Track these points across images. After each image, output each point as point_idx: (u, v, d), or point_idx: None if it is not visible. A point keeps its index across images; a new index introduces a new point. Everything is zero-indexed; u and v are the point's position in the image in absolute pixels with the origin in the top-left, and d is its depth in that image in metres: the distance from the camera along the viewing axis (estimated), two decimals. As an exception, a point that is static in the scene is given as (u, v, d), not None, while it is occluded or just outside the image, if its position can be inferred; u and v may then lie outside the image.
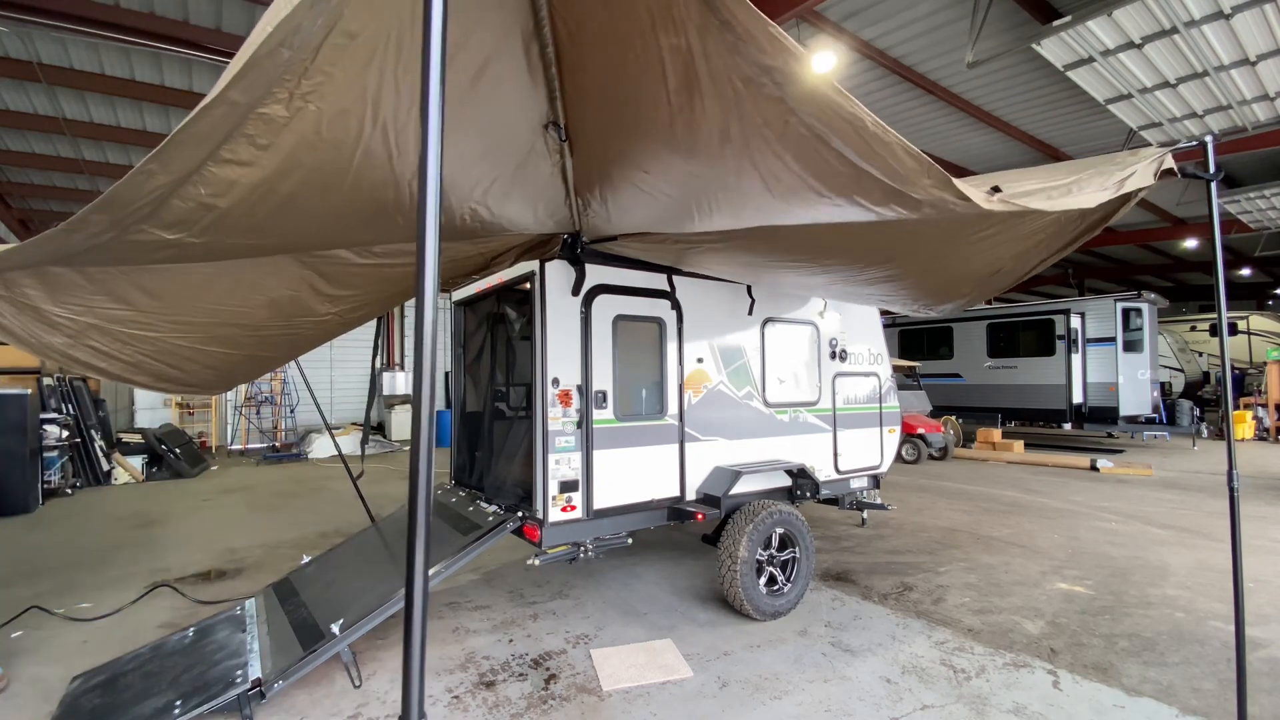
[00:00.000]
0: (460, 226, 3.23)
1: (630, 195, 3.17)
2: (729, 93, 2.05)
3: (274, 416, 15.81)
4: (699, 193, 2.86)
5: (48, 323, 3.03)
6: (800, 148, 2.18)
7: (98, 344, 3.31)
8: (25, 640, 4.17)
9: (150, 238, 2.38)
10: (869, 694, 3.33)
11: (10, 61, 7.51)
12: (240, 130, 1.94)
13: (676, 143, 2.50)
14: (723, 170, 2.57)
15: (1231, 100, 7.58)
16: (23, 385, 9.01)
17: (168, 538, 6.85)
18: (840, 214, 2.58)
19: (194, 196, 2.17)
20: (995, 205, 2.25)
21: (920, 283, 3.97)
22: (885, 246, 3.22)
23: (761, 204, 2.72)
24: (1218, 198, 13.83)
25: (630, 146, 2.76)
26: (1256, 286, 26.58)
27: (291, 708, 3.25)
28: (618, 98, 2.53)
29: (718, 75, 2.00)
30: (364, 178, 2.45)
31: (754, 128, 2.18)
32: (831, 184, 2.33)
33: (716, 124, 2.26)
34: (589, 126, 2.85)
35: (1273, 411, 14.72)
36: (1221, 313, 2.97)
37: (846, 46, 7.73)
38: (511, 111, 2.70)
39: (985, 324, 14.45)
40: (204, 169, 2.05)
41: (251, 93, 1.81)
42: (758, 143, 2.26)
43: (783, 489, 5.05)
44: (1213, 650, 3.81)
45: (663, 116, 2.36)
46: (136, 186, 2.02)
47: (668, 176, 2.83)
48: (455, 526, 4.29)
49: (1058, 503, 8.12)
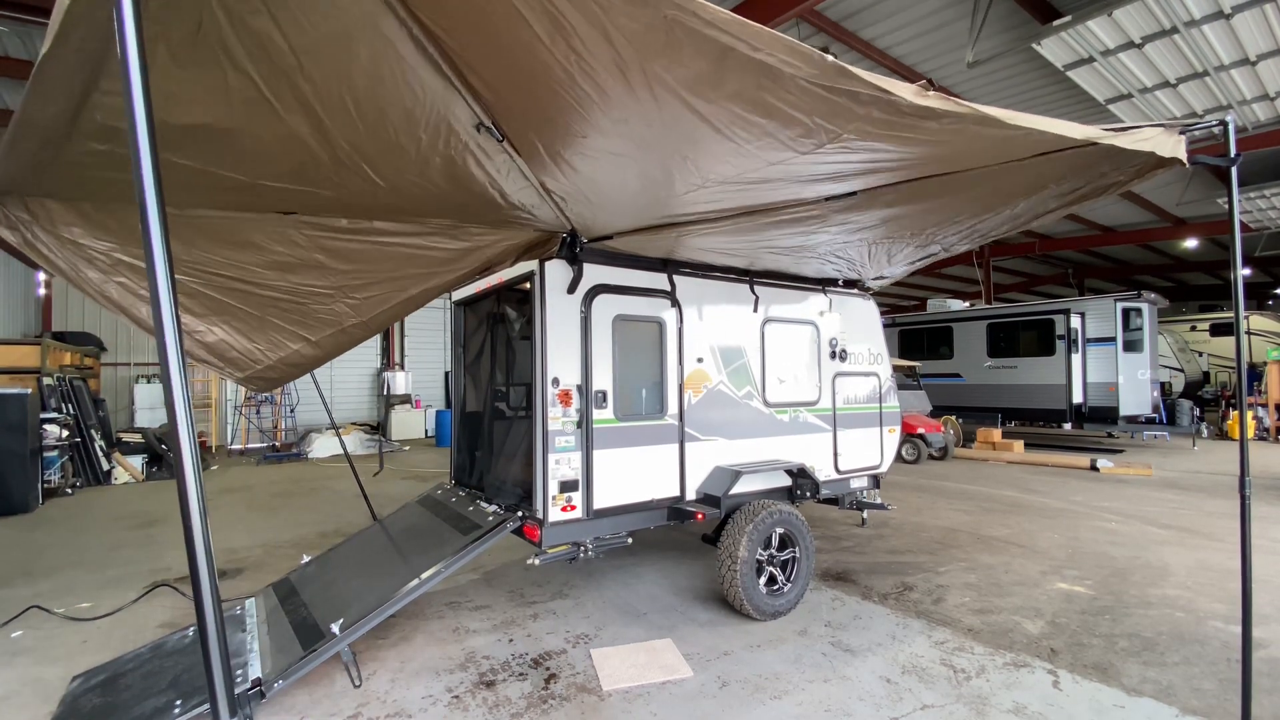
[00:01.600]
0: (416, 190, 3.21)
1: (588, 166, 3.02)
2: (594, 9, 1.84)
3: (274, 416, 15.82)
4: (653, 148, 2.75)
5: (85, 257, 3.34)
6: (702, 63, 2.03)
7: (127, 280, 3.54)
8: (25, 640, 4.17)
9: (86, 148, 2.52)
10: (869, 694, 3.33)
11: (10, 61, 7.51)
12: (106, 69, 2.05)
13: (590, 97, 2.33)
14: (652, 115, 2.42)
15: (1231, 100, 7.59)
16: (23, 385, 9.02)
17: (168, 538, 6.85)
18: (787, 140, 2.48)
19: (101, 121, 2.33)
20: (932, 101, 2.10)
21: (919, 215, 3.79)
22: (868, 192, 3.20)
23: (714, 147, 2.63)
24: (1216, 197, 13.79)
25: (555, 116, 2.58)
26: (1256, 286, 26.60)
27: (292, 707, 3.25)
28: (515, 71, 2.33)
29: (583, 6, 1.84)
30: (275, 135, 2.54)
31: (642, 50, 2.01)
32: (752, 105, 2.22)
33: (606, 56, 2.06)
34: (516, 116, 2.68)
35: (1273, 411, 14.73)
36: (1238, 302, 2.84)
37: (846, 46, 7.73)
38: (409, 97, 2.52)
39: (985, 324, 14.45)
40: (92, 97, 2.19)
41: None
42: (657, 70, 2.10)
43: (783, 489, 5.05)
44: (1213, 650, 3.81)
45: (558, 72, 2.18)
46: (35, 110, 2.21)
47: (606, 134, 2.66)
48: (455, 526, 4.29)
49: (1058, 503, 8.12)
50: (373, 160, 2.86)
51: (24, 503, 8.13)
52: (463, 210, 3.64)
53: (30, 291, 14.10)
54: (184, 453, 1.62)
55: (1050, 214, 3.57)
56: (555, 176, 3.19)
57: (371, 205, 3.46)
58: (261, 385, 5.16)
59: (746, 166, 2.86)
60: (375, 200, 3.33)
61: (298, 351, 4.69)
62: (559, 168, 3.07)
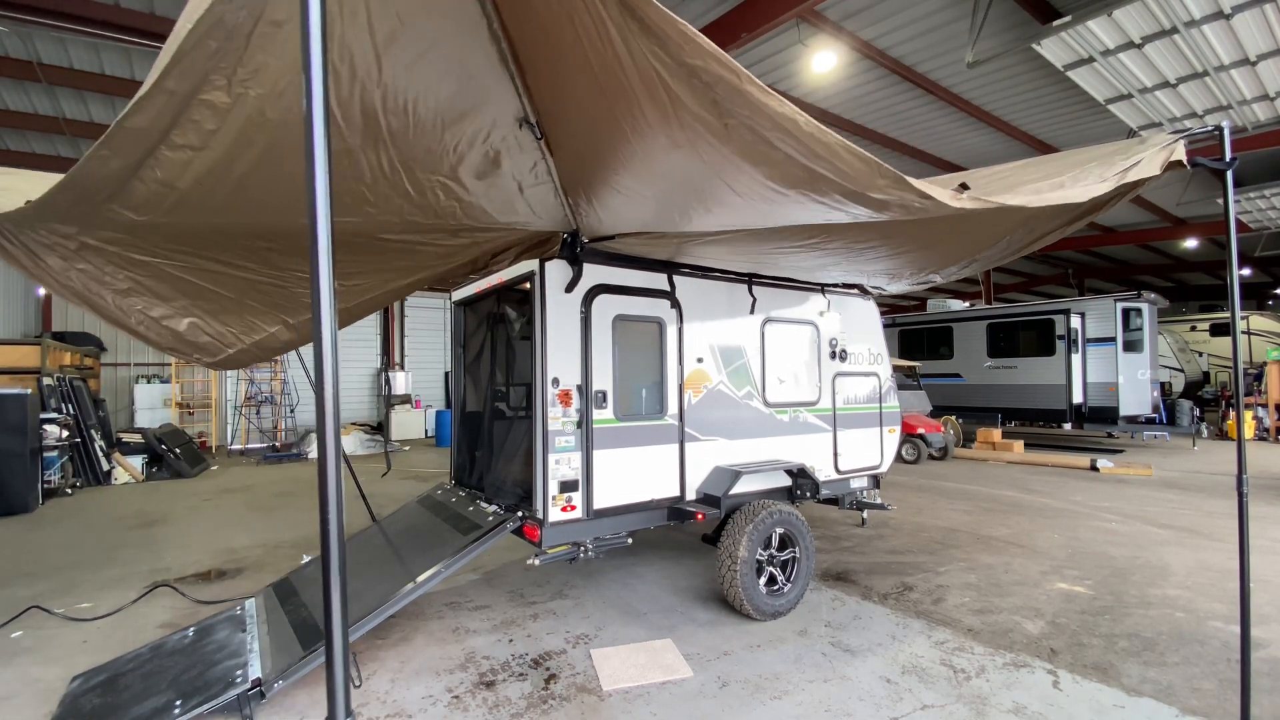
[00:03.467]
0: (436, 204, 3.22)
1: (613, 198, 3.16)
2: (663, 97, 2.03)
3: (274, 416, 15.81)
4: (675, 196, 2.85)
5: (46, 243, 2.99)
6: (747, 150, 2.16)
7: (90, 267, 3.20)
8: (25, 640, 4.17)
9: (121, 218, 2.50)
10: (869, 694, 3.33)
11: (10, 61, 7.51)
12: (186, 116, 2.07)
13: (634, 150, 2.49)
14: (686, 175, 2.55)
15: (1231, 100, 7.59)
16: (23, 385, 9.02)
17: (168, 538, 6.85)
18: (810, 213, 2.56)
19: (152, 179, 2.30)
20: (965, 203, 2.21)
21: (922, 256, 3.91)
22: (877, 231, 3.23)
23: (733, 204, 2.71)
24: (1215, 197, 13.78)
25: (598, 151, 2.75)
26: (1256, 286, 26.60)
27: (291, 707, 3.25)
28: (574, 101, 2.53)
29: (648, 79, 1.98)
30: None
31: (697, 133, 2.17)
32: (789, 183, 2.30)
33: (661, 130, 2.25)
34: (560, 128, 2.84)
35: (1273, 411, 14.72)
36: (1235, 306, 2.88)
37: (846, 46, 7.73)
38: (472, 94, 2.70)
39: (985, 324, 14.45)
40: (158, 153, 2.19)
41: (187, 81, 1.93)
42: (705, 147, 2.25)
43: (783, 489, 5.05)
44: (1213, 650, 3.81)
45: (616, 125, 2.36)
46: (93, 171, 2.15)
47: (642, 180, 2.82)
48: (455, 526, 4.29)
49: (1058, 503, 8.12)
50: (411, 164, 2.86)
51: (24, 503, 8.13)
52: (479, 211, 3.63)
53: (30, 291, 14.10)
54: (328, 449, 1.50)
55: (1052, 234, 3.59)
56: (578, 191, 3.28)
57: (389, 222, 3.43)
58: (231, 367, 4.99)
59: (750, 215, 2.91)
60: (401, 218, 3.30)
61: (274, 335, 4.47)
62: (583, 187, 3.19)
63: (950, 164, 11.84)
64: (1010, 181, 3.06)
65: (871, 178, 2.09)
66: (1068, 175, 2.64)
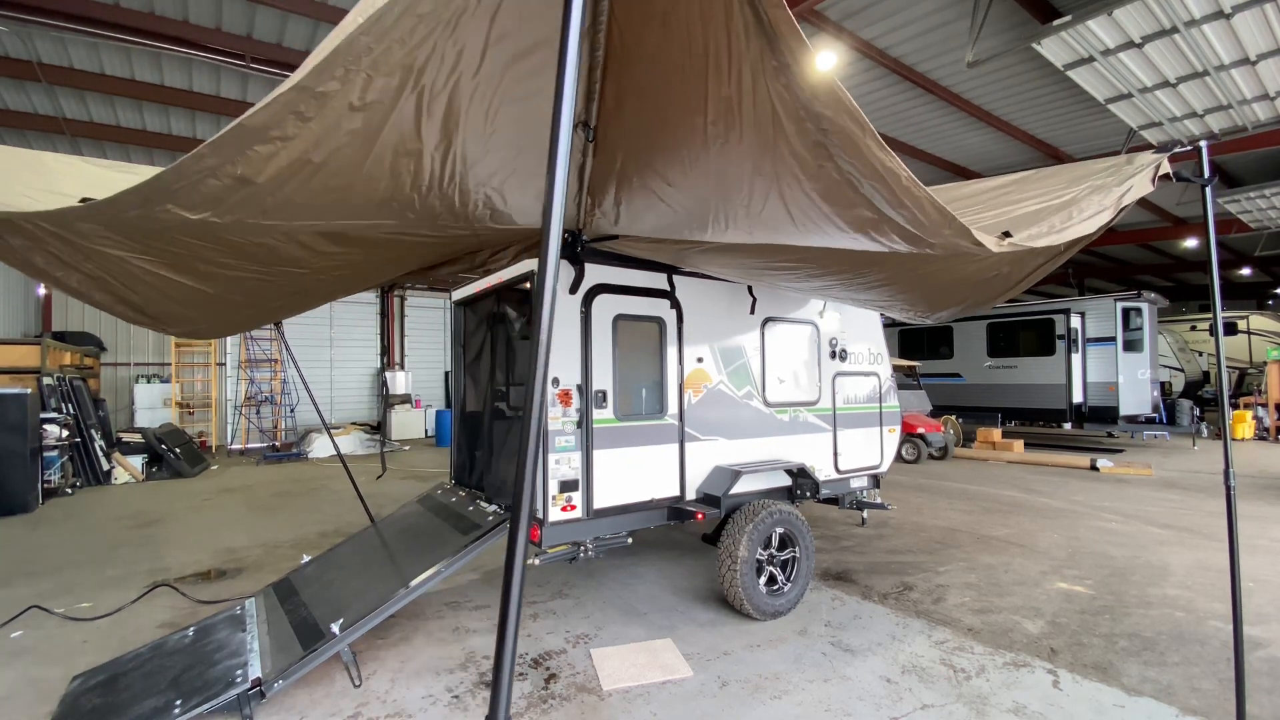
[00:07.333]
0: (472, 212, 3.21)
1: (646, 203, 3.19)
2: (770, 132, 2.08)
3: (274, 416, 15.81)
4: (717, 209, 2.89)
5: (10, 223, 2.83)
6: (830, 189, 2.22)
7: (56, 250, 2.98)
8: (25, 640, 4.17)
9: (172, 217, 2.37)
10: (869, 693, 3.33)
11: (10, 61, 7.51)
12: (292, 107, 1.96)
13: (706, 165, 2.54)
14: (748, 196, 2.61)
15: (1231, 100, 7.58)
16: (23, 385, 9.01)
17: (168, 537, 6.85)
18: (854, 245, 2.64)
19: (229, 174, 2.18)
20: (1006, 248, 2.33)
21: (916, 290, 3.97)
22: (882, 262, 3.26)
23: (780, 227, 2.76)
24: (1217, 198, 13.84)
25: (658, 159, 2.78)
26: (1256, 286, 26.57)
27: (292, 707, 3.25)
28: (655, 112, 2.55)
29: (762, 116, 2.03)
30: (389, 144, 2.41)
31: (787, 166, 2.22)
32: (854, 223, 2.38)
33: (750, 156, 2.29)
34: (618, 133, 2.86)
35: (1273, 411, 14.72)
36: (1217, 314, 3.03)
37: (846, 46, 7.73)
38: (547, 103, 2.66)
39: (985, 324, 14.45)
40: (250, 149, 2.07)
41: (323, 77, 1.87)
42: (789, 179, 2.31)
43: (783, 489, 5.05)
44: (1213, 650, 3.81)
45: (696, 140, 2.39)
46: (184, 171, 2.06)
47: (689, 192, 2.85)
48: (455, 526, 4.29)
49: (1058, 502, 8.12)
50: (475, 166, 2.82)
51: (24, 502, 8.13)
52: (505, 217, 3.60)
53: (30, 291, 14.10)
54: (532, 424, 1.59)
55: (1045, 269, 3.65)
56: (607, 191, 3.31)
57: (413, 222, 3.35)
58: (192, 336, 4.86)
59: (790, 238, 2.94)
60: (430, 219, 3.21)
61: (239, 310, 4.36)
62: (617, 188, 3.22)
63: (950, 164, 11.83)
64: (1011, 198, 3.13)
65: (939, 228, 2.14)
66: (1068, 201, 2.72)
